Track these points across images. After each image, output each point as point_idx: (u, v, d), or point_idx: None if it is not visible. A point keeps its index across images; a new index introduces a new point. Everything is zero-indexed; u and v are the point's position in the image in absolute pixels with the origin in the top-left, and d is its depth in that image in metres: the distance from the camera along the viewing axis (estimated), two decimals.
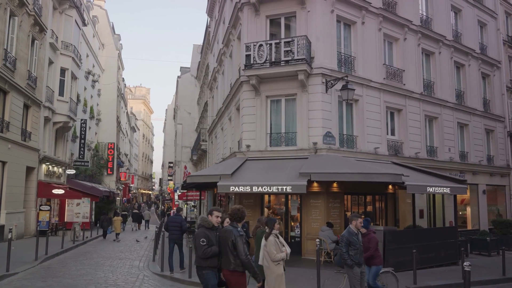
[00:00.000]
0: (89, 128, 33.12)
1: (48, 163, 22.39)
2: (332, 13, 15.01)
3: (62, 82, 23.90)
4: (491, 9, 23.50)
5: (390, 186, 15.08)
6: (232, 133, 17.64)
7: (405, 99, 17.15)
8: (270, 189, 11.82)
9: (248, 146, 14.78)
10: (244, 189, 11.95)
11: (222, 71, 21.81)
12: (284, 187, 11.64)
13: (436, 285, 10.13)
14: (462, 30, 21.05)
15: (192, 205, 30.56)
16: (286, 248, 6.73)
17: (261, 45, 14.10)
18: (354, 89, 13.68)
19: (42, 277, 10.57)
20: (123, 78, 54.04)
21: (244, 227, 8.69)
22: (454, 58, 20.12)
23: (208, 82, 29.37)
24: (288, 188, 11.66)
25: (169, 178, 57.57)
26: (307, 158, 13.49)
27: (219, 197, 19.15)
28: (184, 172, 35.09)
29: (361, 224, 7.72)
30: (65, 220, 24.67)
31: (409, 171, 13.86)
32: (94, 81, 35.94)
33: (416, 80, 17.81)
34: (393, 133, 17.03)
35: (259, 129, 14.79)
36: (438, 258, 12.84)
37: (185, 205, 30.41)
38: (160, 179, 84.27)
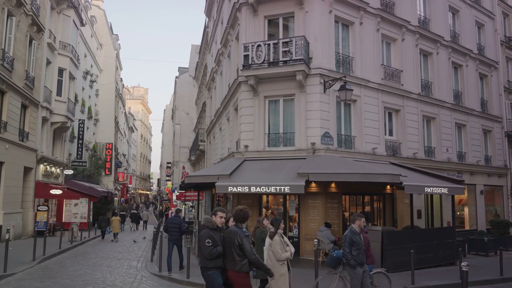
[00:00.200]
0: (87, 128, 33.06)
1: (46, 164, 22.34)
2: (330, 14, 15.04)
3: (60, 82, 23.86)
4: (489, 10, 23.56)
5: (388, 187, 15.10)
6: (230, 134, 17.63)
7: (403, 100, 17.19)
8: (268, 190, 11.81)
9: (246, 147, 14.78)
10: (242, 190, 11.93)
11: (220, 72, 21.80)
12: (282, 188, 11.64)
13: (434, 285, 10.14)
14: (460, 31, 21.10)
15: (190, 206, 30.55)
16: (291, 248, 6.76)
17: (259, 46, 14.11)
18: (352, 90, 13.70)
19: (40, 278, 10.54)
20: (121, 78, 54.00)
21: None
22: (452, 59, 20.17)
23: (206, 83, 29.36)
24: (286, 189, 11.66)
25: (167, 179, 57.56)
26: (305, 159, 13.50)
27: (217, 198, 19.13)
28: (182, 173, 35.05)
29: (364, 224, 7.65)
30: (63, 221, 24.67)
31: (407, 172, 13.88)
32: (92, 81, 35.88)
33: (414, 81, 17.85)
34: (391, 134, 17.07)
35: (257, 130, 14.79)
36: (436, 258, 12.86)
37: (183, 206, 30.38)
38: (158, 180, 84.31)
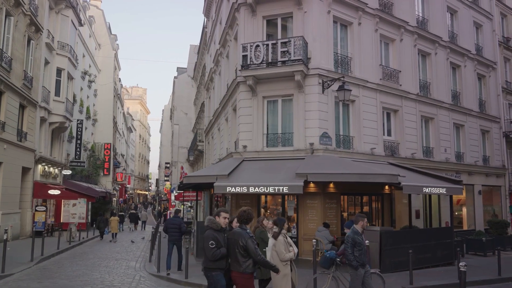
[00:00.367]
0: (86, 129, 33.01)
1: (44, 164, 22.30)
2: (329, 14, 15.05)
3: (58, 82, 23.84)
4: (487, 10, 23.61)
5: (387, 187, 15.11)
6: (229, 134, 17.62)
7: (401, 100, 17.20)
8: (267, 190, 11.81)
9: (245, 147, 14.78)
10: (241, 190, 11.93)
11: (219, 72, 21.79)
12: (281, 188, 11.64)
13: (432, 285, 10.16)
14: (458, 31, 21.14)
15: (189, 206, 30.55)
16: (294, 248, 6.77)
17: (258, 46, 14.11)
18: (351, 90, 13.71)
19: (38, 278, 10.53)
20: (120, 79, 53.95)
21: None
22: (450, 59, 20.20)
23: (205, 83, 29.35)
24: (285, 189, 11.66)
25: (166, 179, 57.51)
26: (304, 159, 13.51)
27: (216, 198, 19.12)
28: (181, 173, 35.01)
29: (367, 224, 7.61)
30: (61, 221, 24.65)
31: (405, 172, 13.89)
32: (91, 81, 35.85)
33: (412, 81, 17.87)
34: (390, 134, 17.08)
35: (256, 130, 14.78)
36: (434, 259, 12.89)
37: (182, 206, 30.37)
38: (157, 180, 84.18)
